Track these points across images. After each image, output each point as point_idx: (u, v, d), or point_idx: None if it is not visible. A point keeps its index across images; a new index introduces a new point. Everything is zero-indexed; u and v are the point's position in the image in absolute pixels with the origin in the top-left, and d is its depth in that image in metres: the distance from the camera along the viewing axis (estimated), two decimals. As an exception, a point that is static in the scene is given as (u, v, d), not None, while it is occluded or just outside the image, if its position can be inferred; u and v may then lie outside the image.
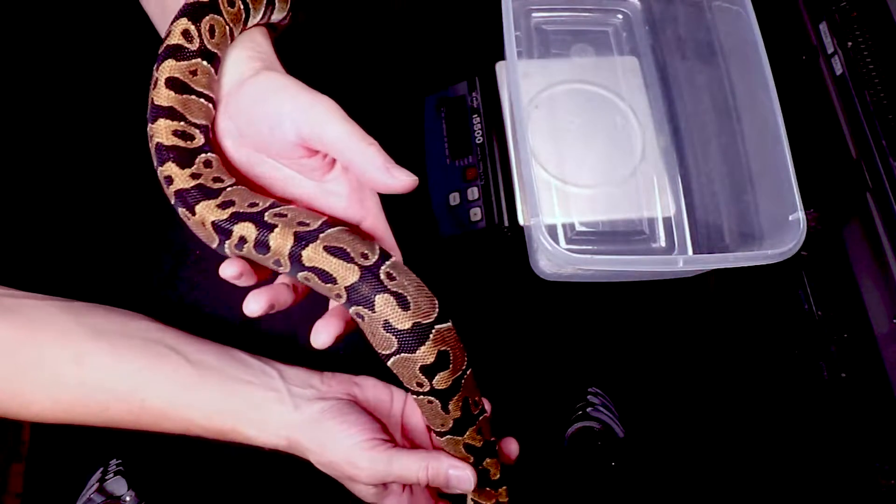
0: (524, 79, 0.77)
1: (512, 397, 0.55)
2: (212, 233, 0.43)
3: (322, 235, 0.41)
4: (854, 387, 0.77)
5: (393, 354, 0.42)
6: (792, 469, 0.84)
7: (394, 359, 0.42)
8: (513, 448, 0.52)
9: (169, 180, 0.44)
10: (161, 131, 0.44)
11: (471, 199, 0.80)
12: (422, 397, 0.44)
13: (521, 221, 0.75)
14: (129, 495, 0.78)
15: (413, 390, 0.44)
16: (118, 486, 0.79)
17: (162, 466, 0.80)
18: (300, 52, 0.56)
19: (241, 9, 0.47)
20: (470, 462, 0.47)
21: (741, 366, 0.90)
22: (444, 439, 0.47)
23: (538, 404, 0.91)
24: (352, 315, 0.43)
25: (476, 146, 0.81)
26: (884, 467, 0.75)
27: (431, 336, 0.41)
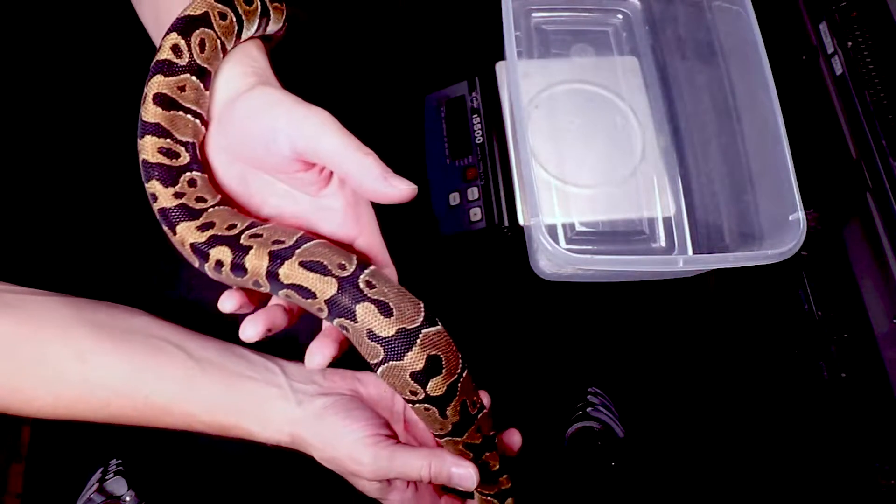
0: (524, 79, 0.77)
1: (512, 397, 0.55)
2: (191, 254, 0.44)
3: (298, 251, 0.41)
4: (854, 387, 0.77)
5: (381, 363, 0.41)
6: (792, 469, 0.84)
7: (382, 368, 0.41)
8: (515, 440, 0.52)
9: (153, 198, 0.44)
10: (147, 148, 0.44)
11: (471, 199, 0.80)
12: (418, 405, 0.43)
13: (521, 221, 0.75)
14: (129, 495, 0.78)
15: (408, 399, 0.42)
16: (118, 486, 0.79)
17: (162, 466, 0.80)
18: (300, 53, 0.56)
19: (234, 21, 0.47)
20: (469, 458, 0.47)
21: (741, 366, 0.90)
22: (443, 441, 0.47)
23: (538, 404, 0.91)
24: (336, 328, 0.42)
25: (476, 146, 0.81)
26: (884, 467, 0.75)
27: (419, 341, 0.40)
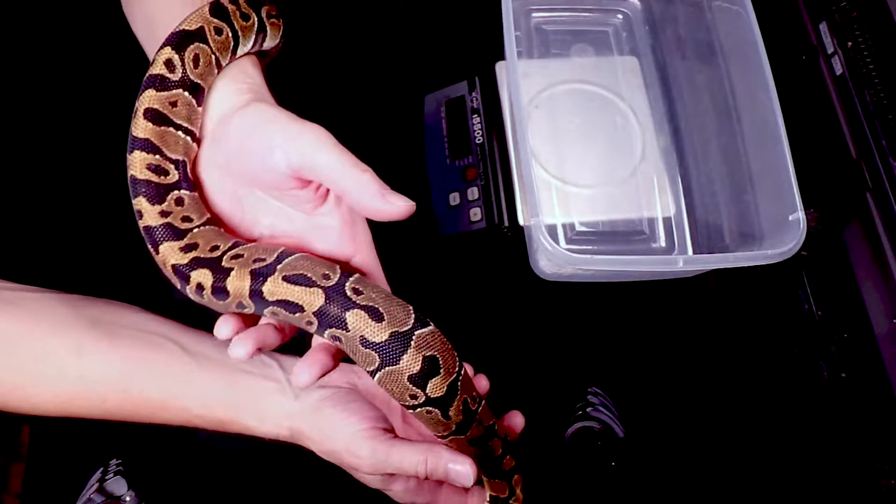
0: (524, 79, 0.77)
1: (512, 397, 0.55)
2: (172, 275, 0.43)
3: (279, 267, 0.40)
4: (854, 387, 0.77)
5: (377, 370, 0.40)
6: (792, 469, 0.84)
7: (379, 374, 0.40)
8: (517, 421, 0.51)
9: (139, 214, 0.44)
10: (136, 164, 0.43)
11: (471, 199, 0.80)
12: (419, 410, 0.42)
13: (521, 221, 0.75)
14: (129, 495, 0.78)
15: (409, 405, 0.41)
16: (118, 486, 0.79)
17: (162, 466, 0.80)
18: (301, 53, 0.56)
19: (230, 37, 0.46)
20: (474, 452, 0.46)
21: (741, 366, 0.90)
22: (446, 440, 0.46)
23: (538, 404, 0.91)
24: (329, 340, 0.41)
25: (476, 146, 0.81)
26: (884, 467, 0.74)
27: (413, 343, 0.39)
